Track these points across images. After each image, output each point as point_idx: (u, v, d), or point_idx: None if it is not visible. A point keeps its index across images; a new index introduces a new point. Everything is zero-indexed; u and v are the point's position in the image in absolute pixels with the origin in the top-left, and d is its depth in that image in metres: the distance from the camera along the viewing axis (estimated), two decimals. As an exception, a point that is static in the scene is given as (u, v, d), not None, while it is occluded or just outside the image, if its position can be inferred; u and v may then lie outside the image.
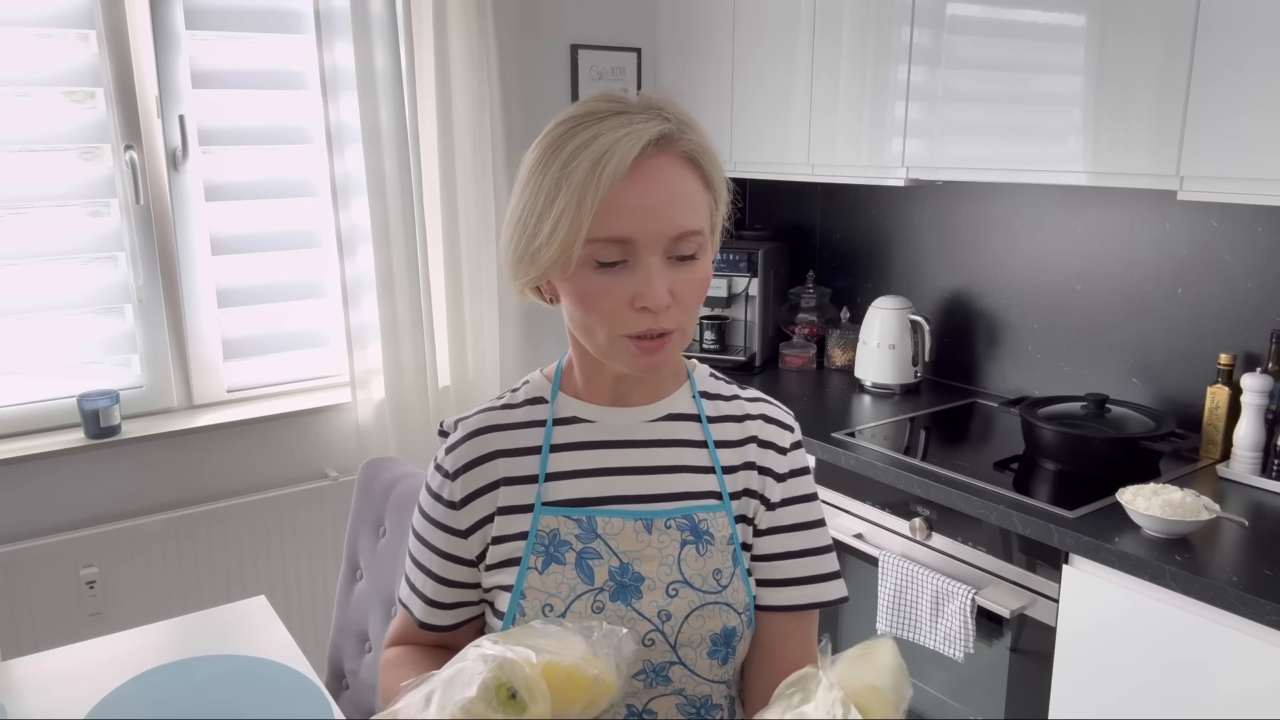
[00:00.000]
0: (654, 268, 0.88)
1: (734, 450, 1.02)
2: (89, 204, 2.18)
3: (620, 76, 2.80)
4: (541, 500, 0.98)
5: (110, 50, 2.12)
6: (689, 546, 0.97)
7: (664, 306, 0.88)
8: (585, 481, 0.99)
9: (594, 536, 0.97)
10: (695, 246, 0.90)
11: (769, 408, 1.07)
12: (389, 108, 2.32)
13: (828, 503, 2.11)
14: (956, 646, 1.81)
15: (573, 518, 0.97)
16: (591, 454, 1.00)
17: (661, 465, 1.00)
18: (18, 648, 2.06)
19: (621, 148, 0.85)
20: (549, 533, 0.97)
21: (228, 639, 1.48)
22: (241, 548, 2.35)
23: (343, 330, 2.44)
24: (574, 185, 0.85)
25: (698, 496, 1.00)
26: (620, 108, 0.89)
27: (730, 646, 0.97)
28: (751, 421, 1.05)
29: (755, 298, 2.69)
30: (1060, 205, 2.25)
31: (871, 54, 2.21)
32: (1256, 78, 1.56)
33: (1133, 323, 2.14)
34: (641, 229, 0.87)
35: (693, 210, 0.90)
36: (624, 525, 0.97)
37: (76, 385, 2.21)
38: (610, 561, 0.96)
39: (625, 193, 0.86)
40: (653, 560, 0.96)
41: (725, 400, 1.06)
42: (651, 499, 0.99)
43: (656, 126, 0.88)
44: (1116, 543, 1.57)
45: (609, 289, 0.88)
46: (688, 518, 0.98)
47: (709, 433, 1.02)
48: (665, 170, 0.88)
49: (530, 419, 1.02)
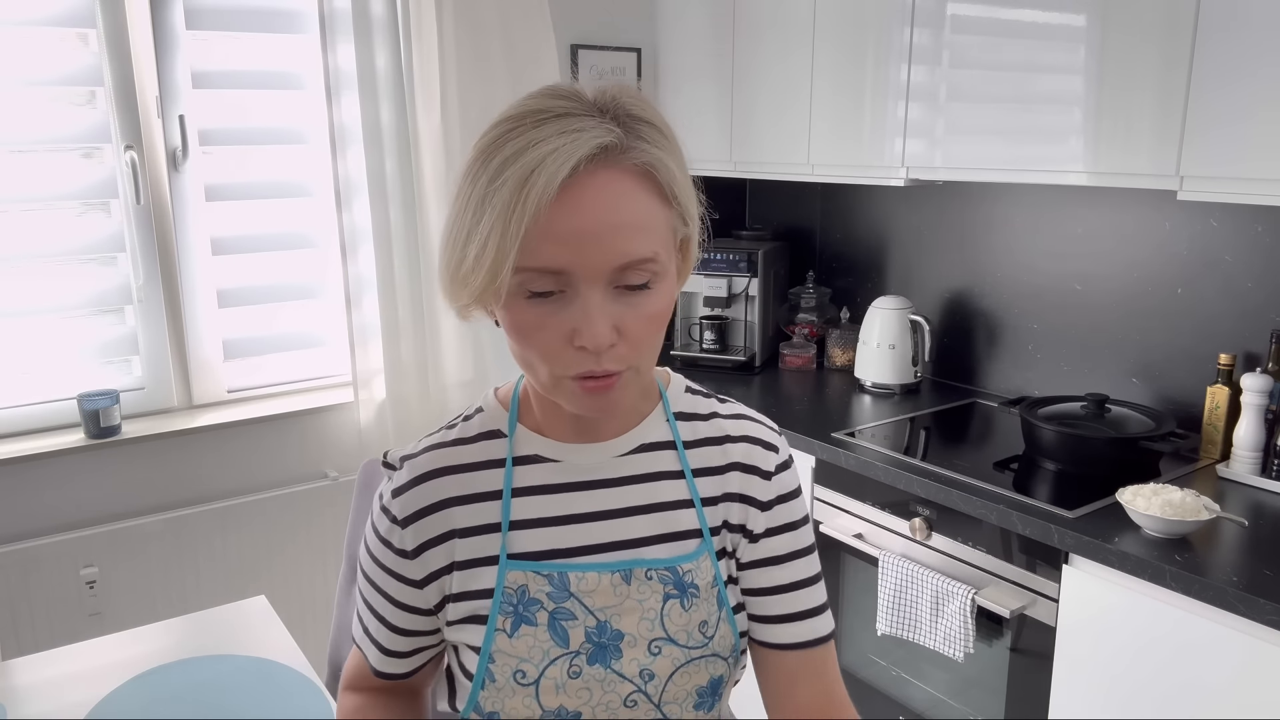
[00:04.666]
0: (593, 302, 0.75)
1: (714, 479, 0.92)
2: (89, 204, 2.18)
3: (620, 76, 2.80)
4: (507, 552, 0.87)
5: (110, 50, 2.12)
6: (673, 601, 0.88)
7: (605, 346, 0.76)
8: (553, 531, 0.88)
9: (567, 595, 0.87)
10: (647, 275, 0.77)
11: (752, 426, 0.96)
12: (390, 108, 2.32)
13: (828, 503, 2.12)
14: (956, 646, 1.81)
15: (543, 573, 0.87)
16: (558, 499, 0.89)
17: (637, 505, 0.90)
18: (18, 648, 2.06)
19: (551, 164, 0.72)
20: (517, 590, 0.87)
21: (228, 639, 1.48)
22: (241, 548, 2.35)
23: (343, 331, 2.45)
24: (499, 206, 0.73)
25: (678, 537, 0.90)
26: (567, 107, 0.76)
27: (717, 694, 0.92)
28: (733, 445, 0.94)
29: (755, 298, 2.68)
30: (1060, 205, 2.25)
31: (871, 54, 2.21)
32: (1257, 78, 1.56)
33: (1133, 323, 2.14)
34: (578, 259, 0.74)
35: (642, 234, 0.76)
36: (600, 579, 0.87)
37: (76, 385, 2.21)
38: (586, 621, 0.87)
39: (558, 217, 0.73)
40: (633, 614, 0.87)
41: (703, 420, 0.95)
42: (628, 545, 0.89)
43: (596, 136, 0.74)
44: (1116, 543, 1.57)
45: (543, 322, 0.77)
46: (671, 570, 0.88)
47: (686, 461, 0.92)
48: (608, 188, 0.75)
49: (486, 458, 0.90)
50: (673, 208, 0.80)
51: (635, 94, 0.79)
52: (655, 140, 0.78)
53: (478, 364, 2.56)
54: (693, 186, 0.83)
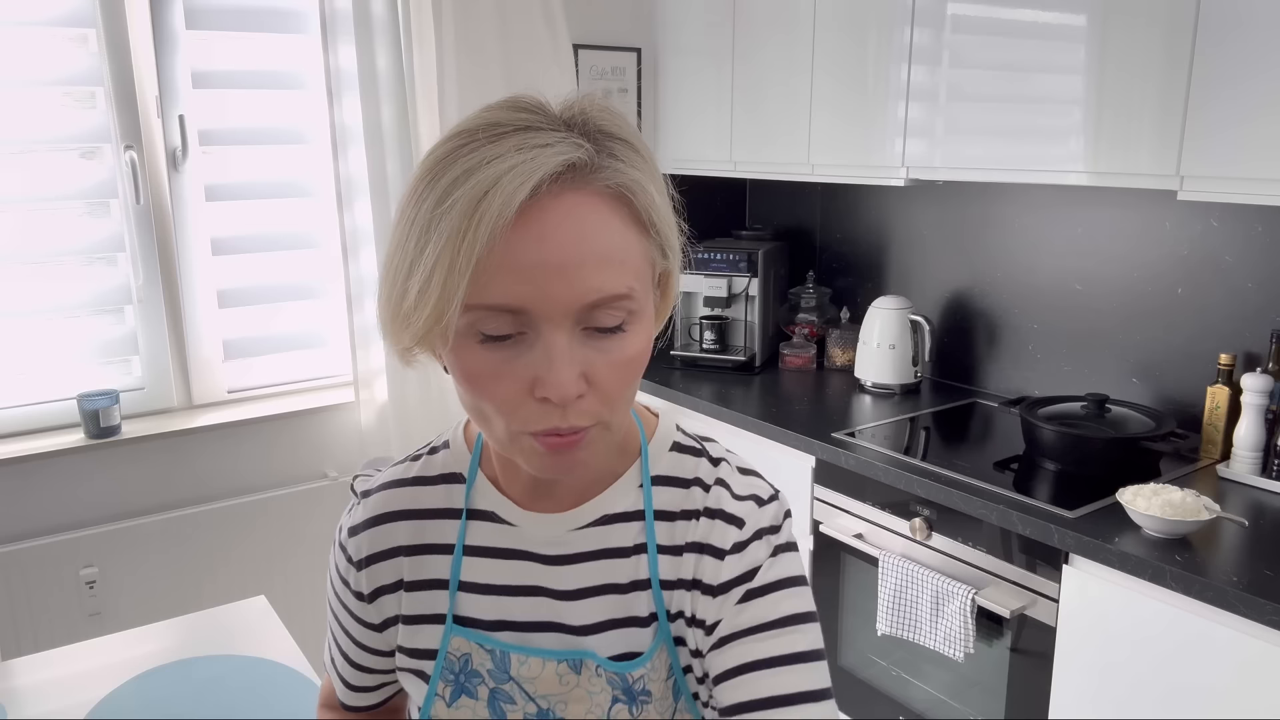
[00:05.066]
0: (557, 347, 0.64)
1: (676, 561, 0.78)
2: (89, 204, 2.18)
3: (620, 76, 2.80)
4: (454, 614, 0.79)
5: (110, 50, 2.12)
6: (620, 704, 0.77)
7: (572, 397, 0.64)
8: (502, 600, 0.79)
9: (507, 678, 0.78)
10: (620, 315, 0.66)
11: (724, 497, 0.79)
12: (391, 109, 2.32)
13: (828, 503, 2.11)
14: (956, 646, 1.81)
15: (486, 647, 0.79)
16: (510, 566, 0.79)
17: (589, 587, 0.78)
18: (18, 648, 2.06)
19: (509, 183, 0.61)
20: (460, 657, 0.79)
21: (228, 639, 1.48)
22: (241, 548, 2.35)
23: (343, 331, 2.45)
24: (446, 232, 0.61)
25: (630, 623, 0.78)
26: (528, 120, 0.65)
27: None
28: (698, 523, 0.78)
29: (755, 298, 2.68)
30: (1061, 205, 2.25)
31: (871, 54, 2.21)
32: (1258, 78, 1.56)
33: (1133, 323, 2.14)
34: (539, 296, 0.63)
35: (614, 267, 0.64)
36: (545, 667, 0.78)
37: (76, 385, 2.21)
38: (526, 707, 0.78)
39: (516, 246, 0.62)
40: (581, 703, 0.78)
41: (684, 489, 0.80)
42: (579, 630, 0.78)
43: (562, 153, 0.63)
44: (1116, 543, 1.57)
45: (499, 370, 0.65)
46: (619, 675, 0.77)
47: (653, 536, 0.78)
48: (575, 214, 0.63)
49: (442, 505, 0.82)
50: (651, 237, 0.68)
51: (607, 108, 0.69)
52: (630, 160, 0.67)
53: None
54: (673, 213, 0.71)
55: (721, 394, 2.48)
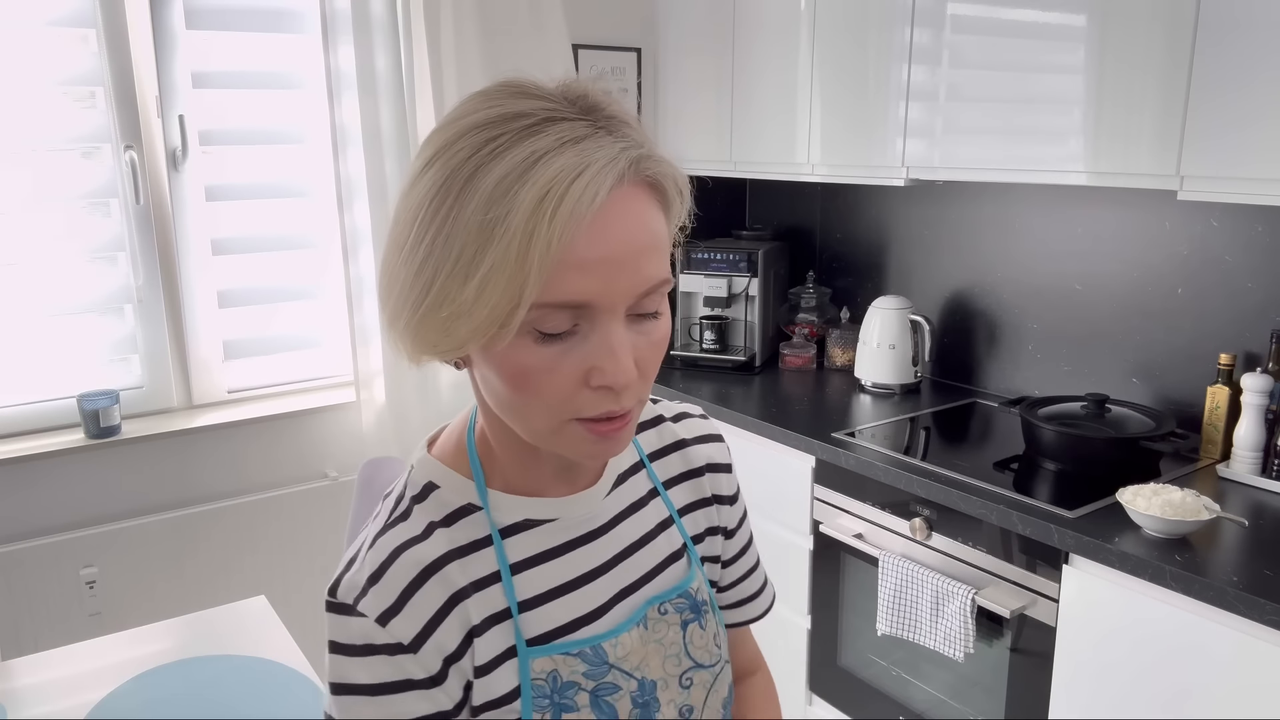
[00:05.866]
0: (617, 336, 0.65)
1: (686, 486, 0.88)
2: (89, 204, 2.18)
3: (620, 77, 2.80)
4: (525, 640, 0.75)
5: (110, 50, 2.12)
6: (692, 625, 0.83)
7: (633, 382, 0.67)
8: (567, 600, 0.77)
9: (607, 668, 0.77)
10: (660, 300, 0.69)
11: (697, 424, 0.91)
12: (389, 109, 2.32)
13: (828, 503, 2.11)
14: (956, 646, 1.81)
15: (574, 652, 0.76)
16: (561, 564, 0.78)
17: (634, 541, 0.83)
18: (18, 648, 2.06)
19: (582, 184, 0.61)
20: (547, 677, 0.75)
21: (228, 639, 1.48)
22: (241, 548, 2.35)
23: (342, 331, 2.45)
24: (512, 233, 0.60)
25: (672, 560, 0.85)
26: (550, 109, 0.65)
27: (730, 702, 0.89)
28: (692, 448, 0.89)
29: (755, 298, 2.68)
30: (1060, 205, 2.25)
31: (871, 54, 2.21)
32: (1258, 79, 1.56)
33: (1133, 323, 2.14)
34: (603, 290, 0.64)
35: (660, 254, 0.68)
36: (631, 638, 0.79)
37: (76, 385, 2.21)
38: (629, 688, 0.78)
39: (579, 243, 0.62)
40: (657, 657, 0.80)
41: (652, 428, 0.89)
42: (639, 583, 0.82)
43: (619, 146, 0.64)
44: (1116, 543, 1.57)
45: (554, 364, 0.65)
46: (685, 596, 0.83)
47: (656, 477, 0.86)
48: (629, 208, 0.65)
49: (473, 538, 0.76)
50: (669, 221, 0.71)
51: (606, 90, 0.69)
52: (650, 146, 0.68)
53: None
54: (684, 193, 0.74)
55: (721, 394, 2.48)
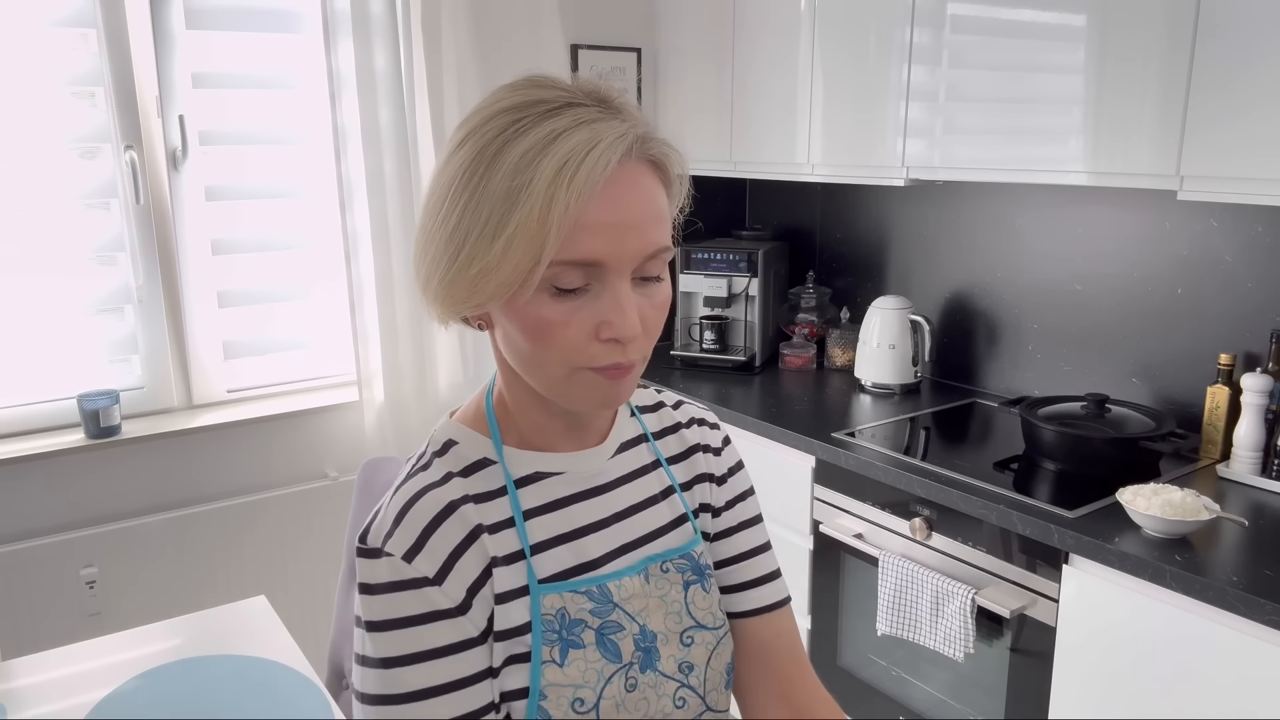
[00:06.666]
0: (624, 293, 0.75)
1: (683, 465, 0.96)
2: (89, 204, 2.18)
3: (620, 76, 2.80)
4: (536, 578, 0.83)
5: (110, 50, 2.12)
6: (694, 586, 0.90)
7: (638, 336, 0.76)
8: (574, 545, 0.86)
9: (612, 606, 0.85)
10: (662, 265, 0.79)
11: (693, 410, 1.01)
12: (389, 109, 2.32)
13: (828, 503, 2.11)
14: (956, 646, 1.81)
15: (580, 590, 0.84)
16: (569, 513, 0.86)
17: (638, 502, 0.91)
18: (18, 648, 2.06)
19: (595, 155, 0.71)
20: (556, 614, 0.82)
21: (228, 639, 1.48)
22: (241, 548, 2.35)
23: (342, 331, 2.45)
24: (534, 197, 0.70)
25: (676, 525, 0.92)
26: (567, 96, 0.75)
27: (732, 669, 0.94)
28: (687, 430, 0.98)
29: (755, 298, 2.68)
30: (1060, 205, 2.25)
31: (872, 54, 2.21)
32: (1257, 78, 1.56)
33: (1133, 323, 2.14)
34: (615, 251, 0.74)
35: (664, 223, 0.78)
36: (634, 583, 0.87)
37: (76, 385, 2.21)
38: (632, 629, 0.85)
39: (594, 208, 0.72)
40: (658, 611, 0.88)
41: (653, 412, 0.98)
42: (641, 542, 0.90)
43: (626, 125, 0.75)
44: (1116, 543, 1.57)
45: (568, 318, 0.75)
46: (687, 557, 0.91)
47: (659, 452, 0.95)
48: (638, 180, 0.76)
49: (489, 488, 0.84)
50: (671, 199, 0.82)
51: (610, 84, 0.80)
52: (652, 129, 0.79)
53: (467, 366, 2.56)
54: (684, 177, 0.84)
55: (721, 394, 2.48)
